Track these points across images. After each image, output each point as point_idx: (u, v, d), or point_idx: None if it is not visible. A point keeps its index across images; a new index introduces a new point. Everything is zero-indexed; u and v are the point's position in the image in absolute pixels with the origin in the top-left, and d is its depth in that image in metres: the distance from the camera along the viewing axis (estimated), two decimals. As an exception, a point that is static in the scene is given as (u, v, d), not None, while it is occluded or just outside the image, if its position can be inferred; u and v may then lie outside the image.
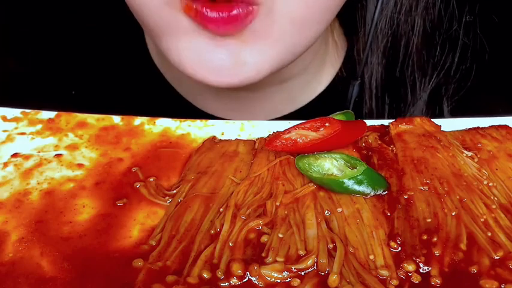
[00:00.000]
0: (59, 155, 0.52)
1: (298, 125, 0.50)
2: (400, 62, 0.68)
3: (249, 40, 0.53)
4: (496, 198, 0.46)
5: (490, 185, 0.47)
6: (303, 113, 0.71)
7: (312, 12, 0.55)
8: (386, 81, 0.69)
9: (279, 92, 0.69)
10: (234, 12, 0.51)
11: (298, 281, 0.40)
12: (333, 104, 0.70)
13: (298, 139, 0.49)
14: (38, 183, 0.49)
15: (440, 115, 0.70)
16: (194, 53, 0.54)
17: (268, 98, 0.69)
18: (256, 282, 0.40)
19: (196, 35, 0.53)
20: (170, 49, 0.56)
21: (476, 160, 0.50)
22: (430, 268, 0.41)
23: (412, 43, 0.67)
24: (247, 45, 0.53)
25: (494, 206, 0.45)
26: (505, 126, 0.53)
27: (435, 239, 0.43)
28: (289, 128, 0.50)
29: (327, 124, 0.49)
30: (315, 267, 0.41)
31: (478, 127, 0.54)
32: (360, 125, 0.51)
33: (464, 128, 0.54)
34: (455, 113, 0.70)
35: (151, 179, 0.50)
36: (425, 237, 0.43)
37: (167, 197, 0.48)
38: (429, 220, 0.44)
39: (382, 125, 0.54)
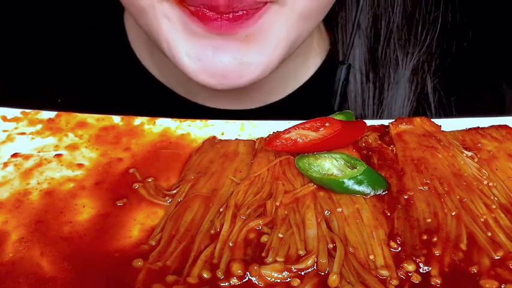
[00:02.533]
0: (59, 155, 0.52)
1: (298, 125, 0.50)
2: (381, 40, 0.68)
3: (254, 39, 0.52)
4: (496, 198, 0.46)
5: (490, 185, 0.47)
6: (293, 99, 0.71)
7: (318, 5, 0.54)
8: (370, 61, 0.69)
9: (270, 79, 0.68)
10: (240, 12, 0.49)
11: (298, 281, 0.40)
12: (322, 88, 0.70)
13: (298, 139, 0.49)
14: (38, 183, 0.49)
15: (422, 91, 0.70)
16: (196, 57, 0.53)
17: (259, 87, 0.69)
18: (256, 282, 0.40)
19: (198, 38, 0.52)
20: (172, 53, 0.55)
21: (476, 160, 0.50)
22: (430, 268, 0.41)
23: (393, 21, 0.67)
24: (251, 45, 0.52)
25: (494, 206, 0.45)
26: (505, 126, 0.53)
27: (435, 239, 0.43)
28: (289, 128, 0.50)
29: (327, 124, 0.49)
30: (315, 267, 0.41)
31: (478, 127, 0.54)
32: (360, 125, 0.51)
33: (464, 128, 0.54)
34: (438, 89, 0.70)
35: (149, 180, 0.50)
36: (425, 237, 0.43)
37: (167, 197, 0.48)
38: (429, 220, 0.44)
39: (382, 125, 0.54)
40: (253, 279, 0.40)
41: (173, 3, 0.51)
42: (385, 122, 0.54)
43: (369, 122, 0.54)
